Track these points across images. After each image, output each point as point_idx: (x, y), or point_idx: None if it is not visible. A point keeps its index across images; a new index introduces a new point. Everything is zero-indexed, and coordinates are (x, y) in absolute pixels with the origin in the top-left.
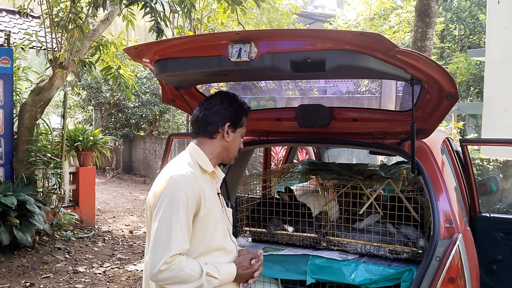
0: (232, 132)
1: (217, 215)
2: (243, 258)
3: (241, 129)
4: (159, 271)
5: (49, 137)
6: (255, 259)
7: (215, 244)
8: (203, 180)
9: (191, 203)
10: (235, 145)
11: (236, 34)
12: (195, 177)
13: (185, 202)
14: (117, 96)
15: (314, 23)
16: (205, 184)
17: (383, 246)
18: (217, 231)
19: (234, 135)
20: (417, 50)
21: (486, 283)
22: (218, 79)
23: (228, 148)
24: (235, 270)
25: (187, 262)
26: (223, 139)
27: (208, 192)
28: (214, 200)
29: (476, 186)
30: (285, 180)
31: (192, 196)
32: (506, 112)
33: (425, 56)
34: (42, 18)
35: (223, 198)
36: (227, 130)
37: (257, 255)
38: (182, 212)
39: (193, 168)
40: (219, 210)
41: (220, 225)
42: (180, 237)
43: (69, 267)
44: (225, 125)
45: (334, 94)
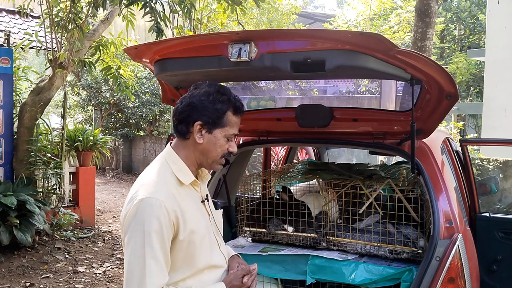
0: (207, 132)
1: (201, 231)
2: (234, 277)
3: (221, 129)
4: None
5: (49, 137)
6: (248, 276)
7: (200, 265)
8: (182, 194)
9: (166, 230)
10: (213, 148)
11: (236, 34)
12: (171, 196)
13: (158, 231)
14: (117, 96)
15: (314, 23)
16: (185, 198)
17: (383, 246)
18: (202, 250)
19: (210, 136)
20: (417, 50)
21: (486, 283)
22: (218, 79)
23: (204, 152)
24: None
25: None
26: (195, 141)
27: (189, 207)
28: (197, 213)
29: (476, 186)
30: (285, 180)
31: (167, 222)
32: (506, 112)
33: (425, 56)
34: (42, 18)
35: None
36: (198, 130)
37: (249, 271)
38: (155, 243)
39: (169, 183)
40: (204, 223)
41: (206, 241)
42: (156, 272)
43: (69, 267)
44: (194, 124)
45: (334, 94)
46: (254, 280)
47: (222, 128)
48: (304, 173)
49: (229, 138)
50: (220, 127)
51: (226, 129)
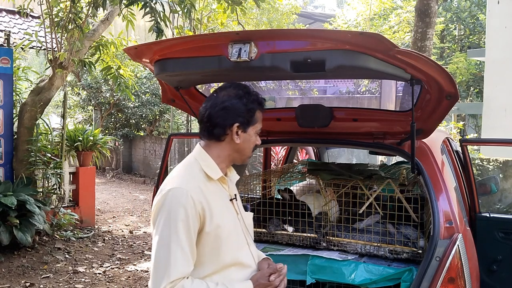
0: (243, 132)
1: (228, 227)
2: (260, 275)
3: (253, 127)
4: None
5: (49, 137)
6: (275, 274)
7: (227, 260)
8: (210, 189)
9: (192, 220)
10: (247, 145)
11: (236, 34)
12: (198, 189)
13: (184, 220)
14: (117, 96)
15: (314, 23)
16: (213, 193)
17: (383, 246)
18: (229, 245)
19: (245, 135)
20: (417, 50)
21: (486, 283)
22: (218, 79)
23: (240, 149)
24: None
25: (192, 285)
26: (233, 141)
27: (216, 203)
28: (224, 210)
29: (476, 186)
30: (285, 180)
31: (193, 212)
32: (506, 112)
33: (425, 56)
34: (42, 18)
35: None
36: (236, 132)
37: (277, 270)
38: (182, 232)
39: (196, 177)
40: (232, 220)
41: (233, 237)
42: (181, 261)
43: (69, 267)
44: (233, 126)
45: (334, 94)
46: (282, 280)
47: (253, 126)
48: (304, 173)
49: (258, 133)
50: (252, 125)
51: (256, 125)
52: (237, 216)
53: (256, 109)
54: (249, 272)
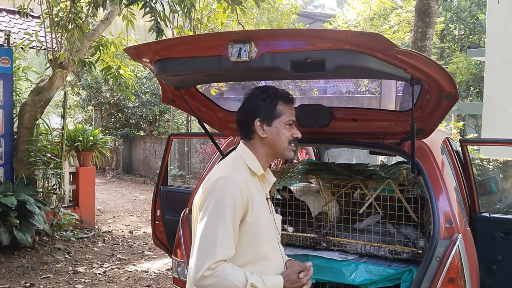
0: (268, 126)
1: (265, 221)
2: (291, 271)
3: (279, 120)
4: (202, 277)
5: (49, 137)
6: (304, 272)
7: (262, 253)
8: (252, 184)
9: (238, 207)
10: (277, 138)
11: (236, 34)
12: (244, 181)
13: (232, 206)
14: (117, 96)
15: (314, 23)
16: (254, 188)
17: (383, 247)
18: (265, 238)
19: (271, 128)
20: (417, 50)
21: (486, 283)
22: (218, 79)
23: (271, 143)
24: (282, 283)
25: (232, 270)
26: (260, 137)
27: (257, 197)
28: (262, 205)
29: (476, 186)
30: (285, 180)
31: (240, 200)
32: (506, 112)
33: (425, 56)
34: (42, 18)
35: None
36: (260, 127)
37: (306, 268)
38: (229, 216)
39: (242, 171)
40: (268, 216)
41: (267, 232)
42: (226, 243)
43: (69, 268)
44: (255, 122)
45: (334, 94)
46: (309, 279)
47: (279, 118)
48: (304, 173)
49: (289, 124)
50: (277, 118)
51: (282, 118)
52: (271, 215)
53: (277, 101)
54: (278, 268)
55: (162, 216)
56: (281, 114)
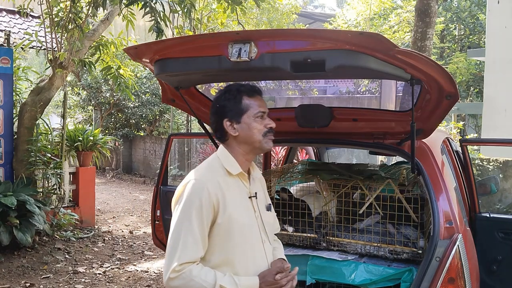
0: (237, 123)
1: (241, 221)
2: (268, 272)
3: (247, 114)
4: (169, 279)
5: (49, 137)
6: (282, 274)
7: (235, 254)
8: (229, 184)
9: (205, 209)
10: (250, 133)
11: (236, 34)
12: (215, 182)
13: (198, 208)
14: (117, 96)
15: (314, 23)
16: (231, 188)
17: (383, 247)
18: (241, 240)
19: (241, 125)
20: (417, 50)
21: (486, 283)
22: (218, 79)
23: (245, 140)
24: (258, 285)
25: (200, 272)
26: (233, 136)
27: (233, 197)
28: (240, 205)
29: (476, 186)
30: (285, 180)
31: (207, 203)
32: (506, 112)
33: (425, 56)
34: (42, 18)
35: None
36: (229, 126)
37: (284, 269)
38: (195, 219)
39: (216, 172)
40: (248, 216)
41: (246, 233)
42: (191, 245)
43: (69, 268)
44: (223, 123)
45: (334, 94)
46: (290, 280)
47: (246, 113)
48: (304, 173)
49: (259, 117)
50: (245, 113)
51: (250, 111)
52: (254, 214)
53: (242, 97)
54: (259, 268)
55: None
56: (248, 108)
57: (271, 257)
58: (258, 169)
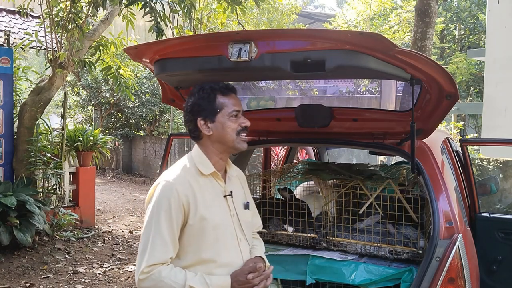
0: (211, 122)
1: (215, 221)
2: (240, 271)
3: (222, 112)
4: (139, 280)
5: (49, 137)
6: (254, 274)
7: (209, 254)
8: (201, 184)
9: (174, 211)
10: (224, 132)
11: (236, 34)
12: (186, 182)
13: (167, 210)
14: (117, 96)
15: (314, 23)
16: (203, 188)
17: (383, 247)
18: (214, 240)
19: (215, 124)
20: (417, 50)
21: (486, 283)
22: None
23: (219, 139)
24: (229, 284)
25: (170, 273)
26: (207, 135)
27: (206, 198)
28: (213, 205)
29: (476, 186)
30: (285, 180)
31: (176, 204)
32: (506, 112)
33: (425, 56)
34: (42, 18)
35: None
36: (203, 125)
37: (256, 269)
38: (163, 221)
39: (187, 172)
40: (222, 215)
41: (220, 232)
42: (159, 247)
43: (69, 268)
44: (197, 122)
45: (334, 94)
46: (263, 280)
47: (221, 112)
48: (304, 173)
49: (233, 116)
50: (218, 112)
51: (224, 110)
52: (230, 212)
53: (214, 96)
54: (232, 268)
55: None
56: (223, 107)
57: (247, 256)
58: (236, 167)
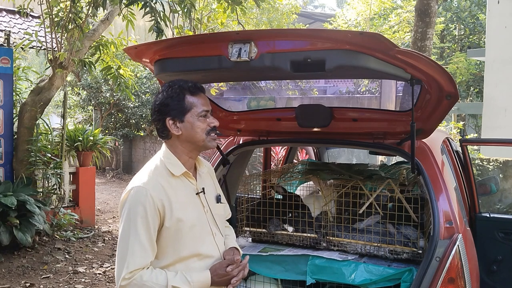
0: (180, 122)
1: (190, 220)
2: (219, 265)
3: (190, 113)
4: (121, 286)
5: (49, 137)
6: (233, 266)
7: (186, 252)
8: (173, 185)
9: (151, 216)
10: (193, 132)
11: (236, 34)
12: (159, 187)
13: (143, 216)
14: (117, 96)
15: (314, 23)
16: (176, 189)
17: (383, 247)
18: (190, 238)
19: (184, 124)
20: (417, 50)
21: (486, 283)
22: (218, 79)
23: (188, 139)
24: (209, 278)
25: (151, 275)
26: (175, 135)
27: (179, 198)
28: (188, 204)
29: (476, 186)
30: (285, 180)
31: (152, 210)
32: (506, 112)
33: (425, 56)
34: (42, 18)
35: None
36: (172, 125)
37: (234, 261)
38: (140, 227)
39: (159, 175)
40: (196, 213)
41: (196, 230)
42: (139, 253)
43: (69, 268)
44: (166, 121)
45: (334, 94)
46: (241, 270)
47: (189, 112)
48: (304, 173)
49: (203, 116)
50: (188, 112)
51: (193, 110)
52: (203, 209)
53: (183, 96)
54: (211, 262)
55: None
56: (192, 107)
57: (223, 248)
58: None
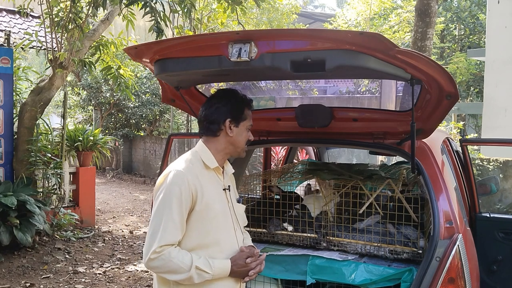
0: (235, 127)
1: (216, 209)
2: (239, 256)
3: (244, 122)
4: (149, 259)
5: (49, 137)
6: (252, 258)
7: (212, 238)
8: (206, 176)
9: (184, 197)
10: (240, 138)
11: (236, 34)
12: (194, 173)
13: (178, 197)
14: (117, 96)
15: (314, 23)
16: (207, 180)
17: (383, 246)
18: (214, 225)
19: (237, 129)
20: (417, 50)
21: (486, 283)
22: (218, 79)
23: (234, 142)
24: (229, 267)
25: (178, 254)
26: (227, 135)
27: (208, 188)
28: (215, 195)
29: (476, 186)
30: (285, 180)
31: (187, 191)
32: (506, 112)
33: (425, 56)
34: (42, 18)
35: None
36: (229, 126)
37: (254, 254)
38: (174, 206)
39: (194, 165)
40: (222, 205)
41: (220, 220)
42: (170, 229)
43: (69, 268)
44: (226, 121)
45: (334, 94)
46: (258, 264)
47: (244, 121)
48: (304, 173)
49: (249, 129)
50: (243, 120)
51: (246, 121)
52: (228, 204)
53: (244, 107)
54: (230, 253)
55: None
56: (246, 118)
57: (242, 244)
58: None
